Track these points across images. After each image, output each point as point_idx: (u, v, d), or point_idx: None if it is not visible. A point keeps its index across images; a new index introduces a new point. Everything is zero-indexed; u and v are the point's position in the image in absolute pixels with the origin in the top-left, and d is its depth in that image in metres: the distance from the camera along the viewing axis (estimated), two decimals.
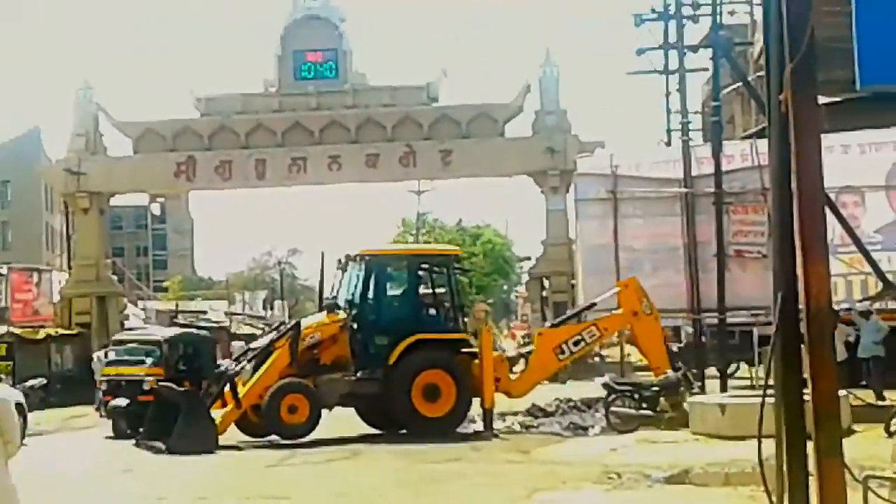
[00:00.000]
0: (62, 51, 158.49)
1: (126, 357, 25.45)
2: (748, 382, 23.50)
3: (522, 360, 22.75)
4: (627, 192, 23.12)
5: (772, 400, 7.00)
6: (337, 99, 41.97)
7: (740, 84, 27.92)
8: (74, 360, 37.36)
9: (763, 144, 22.57)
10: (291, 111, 41.75)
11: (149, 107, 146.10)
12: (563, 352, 21.45)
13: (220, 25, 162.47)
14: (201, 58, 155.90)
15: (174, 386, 21.10)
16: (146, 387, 23.25)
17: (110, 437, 22.89)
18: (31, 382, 32.54)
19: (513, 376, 21.91)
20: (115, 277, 46.05)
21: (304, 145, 41.55)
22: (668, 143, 35.96)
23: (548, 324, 22.85)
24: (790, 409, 6.72)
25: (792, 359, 6.74)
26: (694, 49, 24.46)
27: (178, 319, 55.86)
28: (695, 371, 22.05)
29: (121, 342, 27.20)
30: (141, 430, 21.16)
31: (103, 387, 25.17)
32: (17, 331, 34.67)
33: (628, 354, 28.21)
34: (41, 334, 36.01)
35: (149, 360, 24.65)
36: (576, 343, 21.41)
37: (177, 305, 62.23)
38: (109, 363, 25.74)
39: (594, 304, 21.95)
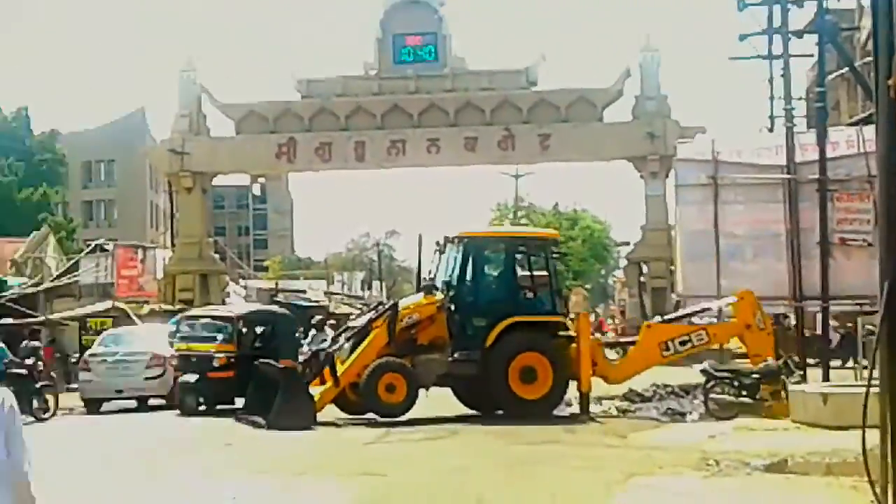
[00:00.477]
0: (166, 32, 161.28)
1: (198, 333, 24.61)
2: (851, 372, 23.13)
3: (620, 349, 22.69)
4: (728, 178, 22.84)
5: (876, 390, 6.93)
6: (436, 83, 42.12)
7: (846, 70, 27.41)
8: None
9: (869, 131, 22.32)
10: (391, 94, 42.03)
11: (251, 89, 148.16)
12: (668, 349, 21.34)
13: (321, 8, 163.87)
14: (302, 40, 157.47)
15: (274, 362, 21.41)
16: (216, 363, 23.02)
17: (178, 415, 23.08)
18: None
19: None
20: (216, 256, 46.82)
21: (403, 128, 41.83)
22: (771, 130, 35.42)
23: (657, 318, 22.74)
24: None
25: None
26: (799, 34, 24.00)
27: (277, 298, 56.66)
28: (796, 359, 21.76)
29: (193, 318, 26.36)
30: (204, 406, 22.67)
31: (174, 362, 24.66)
32: (122, 306, 35.45)
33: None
34: (145, 310, 36.78)
35: (220, 337, 23.86)
36: (682, 343, 21.27)
37: (276, 284, 63.03)
38: (182, 338, 24.97)
39: (707, 309, 21.87)
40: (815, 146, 22.17)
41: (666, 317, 22.52)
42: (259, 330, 24.86)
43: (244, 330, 24.30)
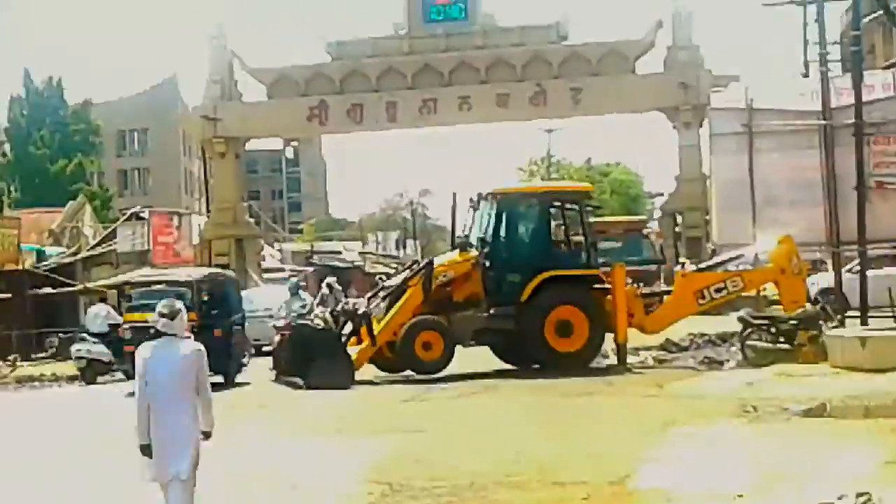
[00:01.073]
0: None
1: (153, 301, 22.27)
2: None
3: (657, 299, 22.61)
4: (763, 126, 22.63)
5: None
6: (466, 40, 41.90)
7: (881, 13, 27.03)
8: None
9: None
10: (421, 54, 41.86)
11: (281, 53, 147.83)
12: (703, 297, 21.32)
13: None
14: (332, 2, 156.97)
15: (310, 323, 21.49)
16: None
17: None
18: None
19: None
20: (251, 220, 47.02)
21: (435, 87, 41.67)
22: (806, 75, 34.96)
23: (692, 266, 22.62)
24: None
25: None
26: None
27: (313, 259, 56.91)
28: (835, 305, 21.62)
29: (146, 284, 24.18)
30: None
31: (126, 335, 21.60)
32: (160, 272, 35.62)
33: (763, 288, 27.75)
34: None
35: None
36: (718, 290, 21.23)
37: (312, 246, 63.32)
38: (132, 308, 22.55)
39: (741, 256, 21.77)
40: (850, 90, 21.90)
41: (701, 265, 22.40)
42: (209, 295, 22.76)
43: (199, 296, 21.92)
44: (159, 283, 23.39)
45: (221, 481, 10.66)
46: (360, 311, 21.42)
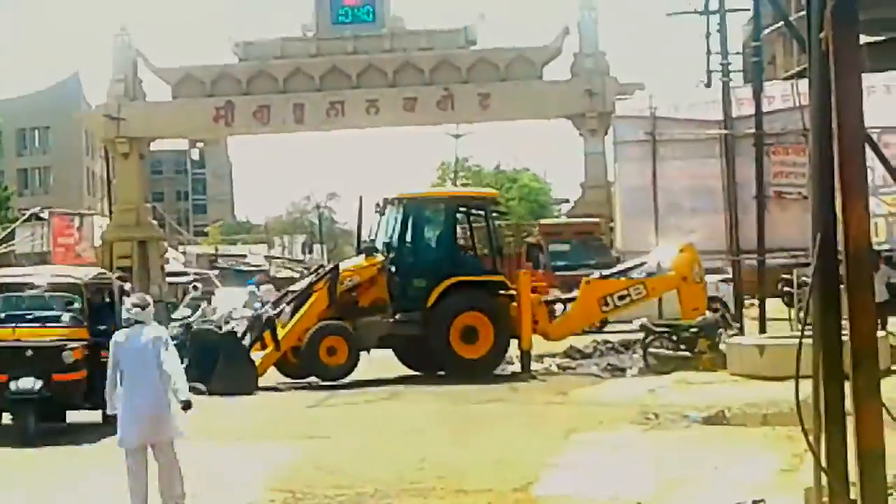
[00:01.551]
0: None
1: (28, 310, 15.97)
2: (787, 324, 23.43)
3: (560, 305, 22.78)
4: (667, 134, 22.93)
5: (810, 341, 6.99)
6: (374, 43, 41.86)
7: (781, 24, 27.59)
8: None
9: (804, 85, 22.41)
10: (329, 55, 41.73)
11: (187, 52, 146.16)
12: (607, 304, 21.60)
13: None
14: (239, 2, 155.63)
15: (214, 329, 21.26)
16: (69, 360, 14.52)
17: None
18: None
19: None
20: (155, 222, 46.46)
21: (343, 89, 41.57)
22: (708, 85, 35.65)
23: (596, 274, 22.86)
24: (828, 350, 6.71)
25: (831, 299, 6.72)
26: None
27: (218, 263, 56.35)
28: (733, 312, 22.00)
29: (17, 287, 16.43)
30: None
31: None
32: None
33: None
34: None
35: (67, 317, 15.46)
36: (621, 297, 21.48)
37: (216, 249, 62.72)
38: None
39: (645, 263, 22.05)
40: (751, 100, 22.29)
41: (604, 272, 22.64)
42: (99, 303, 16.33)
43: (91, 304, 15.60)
44: (32, 285, 16.24)
45: (121, 487, 10.53)
46: (264, 316, 21.26)
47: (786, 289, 24.77)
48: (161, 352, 9.58)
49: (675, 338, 20.00)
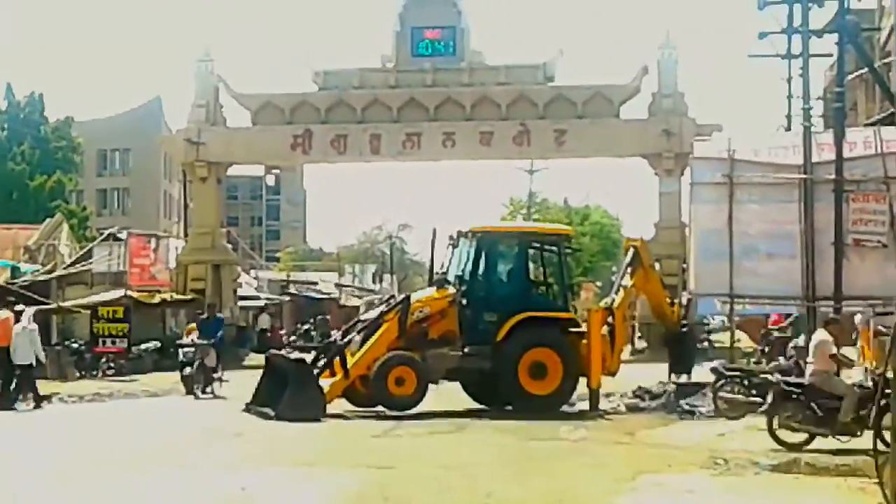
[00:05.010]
0: (184, 21, 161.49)
1: None
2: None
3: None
4: (744, 177, 22.72)
5: (889, 391, 6.88)
6: (453, 76, 42.03)
7: (865, 70, 27.27)
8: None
9: (887, 132, 22.22)
10: (407, 87, 41.95)
11: (268, 80, 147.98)
12: (624, 318, 23.14)
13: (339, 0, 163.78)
14: (320, 32, 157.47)
15: (285, 354, 21.42)
16: None
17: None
18: (144, 346, 33.29)
19: None
20: (229, 246, 46.85)
21: (419, 121, 41.73)
22: (788, 129, 35.30)
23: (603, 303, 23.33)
24: None
25: None
26: (818, 34, 23.83)
27: (289, 289, 56.76)
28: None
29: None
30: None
31: None
32: (134, 294, 35.48)
33: (738, 340, 27.85)
34: (157, 299, 36.81)
35: None
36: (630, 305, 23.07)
37: (288, 275, 63.16)
38: None
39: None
40: (831, 146, 22.02)
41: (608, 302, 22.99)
42: None
43: None
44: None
45: None
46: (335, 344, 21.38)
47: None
48: None
49: (746, 383, 19.76)
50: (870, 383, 15.20)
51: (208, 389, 24.66)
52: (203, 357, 24.82)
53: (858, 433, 14.48)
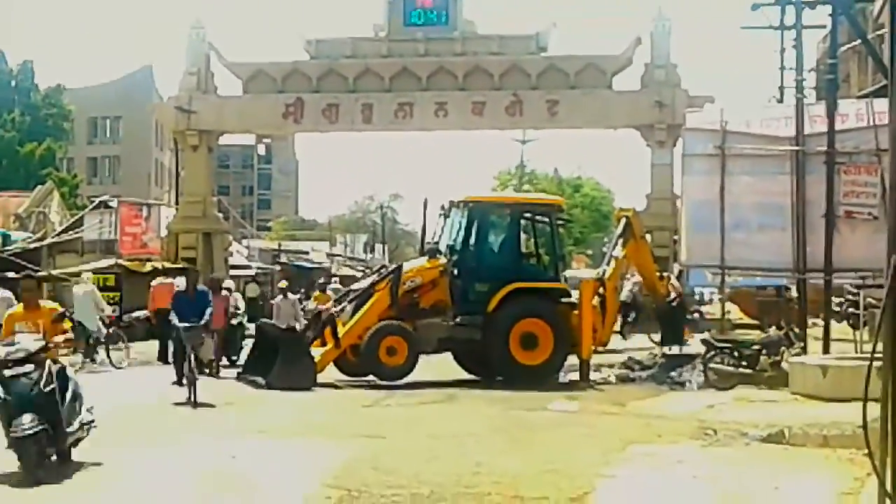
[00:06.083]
0: None
1: None
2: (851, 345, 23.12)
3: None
4: (736, 149, 22.70)
5: (878, 363, 6.89)
6: (445, 46, 41.83)
7: (858, 42, 27.19)
8: None
9: (879, 104, 22.18)
10: (400, 56, 41.76)
11: (259, 48, 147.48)
12: (616, 289, 23.14)
13: None
14: (312, 1, 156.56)
15: (276, 323, 21.44)
16: None
17: None
18: (136, 314, 33.28)
19: None
20: (220, 215, 46.77)
21: (411, 91, 41.58)
22: (780, 101, 35.25)
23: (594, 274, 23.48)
24: None
25: None
26: (811, 5, 23.80)
27: (280, 259, 56.75)
28: (797, 331, 21.75)
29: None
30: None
31: None
32: (125, 263, 35.41)
33: (728, 312, 27.97)
34: (148, 267, 36.75)
35: None
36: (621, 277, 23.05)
37: (279, 245, 63.15)
38: None
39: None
40: (823, 118, 21.99)
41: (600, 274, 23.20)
42: None
43: None
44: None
45: (182, 477, 10.70)
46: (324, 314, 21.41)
47: (850, 310, 24.45)
48: None
49: (736, 354, 19.83)
50: None
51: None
52: (194, 347, 17.86)
53: None
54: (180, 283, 21.44)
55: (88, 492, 10.58)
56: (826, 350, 20.81)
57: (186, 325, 17.86)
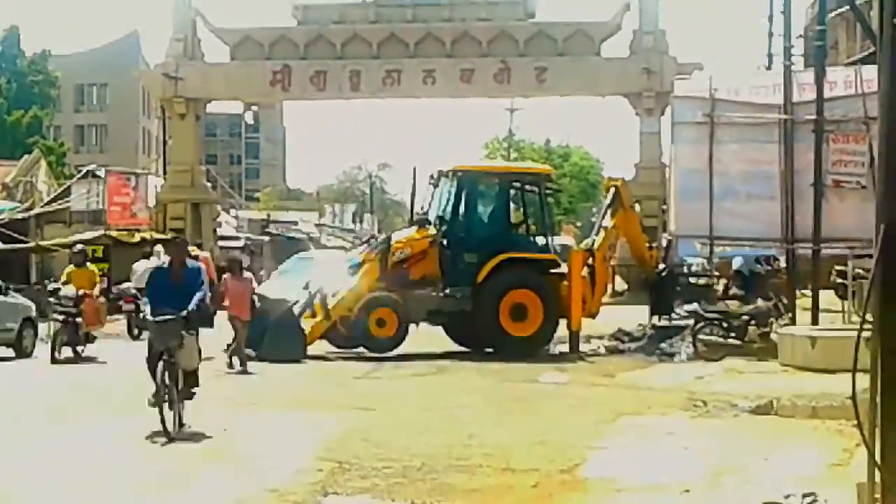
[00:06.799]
0: None
1: None
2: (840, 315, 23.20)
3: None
4: (725, 117, 22.66)
5: (868, 334, 6.90)
6: (433, 12, 41.65)
7: (847, 8, 27.12)
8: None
9: (867, 71, 22.13)
10: (387, 23, 41.59)
11: (246, 14, 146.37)
12: (605, 259, 22.73)
13: None
14: None
15: (266, 295, 21.38)
16: None
17: None
18: (125, 285, 33.12)
19: None
20: (209, 184, 46.60)
21: (399, 58, 41.44)
22: (769, 68, 35.27)
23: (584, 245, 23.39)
24: (888, 344, 6.61)
25: (893, 291, 6.61)
26: None
27: (269, 229, 56.66)
28: (785, 302, 21.81)
29: None
30: None
31: None
32: (114, 233, 35.27)
33: (715, 282, 27.91)
34: (136, 237, 36.58)
35: None
36: (610, 247, 22.77)
37: (268, 215, 63.02)
38: None
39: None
40: (812, 85, 21.92)
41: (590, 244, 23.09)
42: None
43: None
44: None
45: (172, 448, 10.70)
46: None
47: (839, 280, 24.50)
48: None
49: (725, 325, 19.86)
50: None
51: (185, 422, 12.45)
52: (170, 349, 12.14)
53: None
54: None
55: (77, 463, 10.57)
56: (815, 321, 20.87)
57: (161, 317, 12.15)
